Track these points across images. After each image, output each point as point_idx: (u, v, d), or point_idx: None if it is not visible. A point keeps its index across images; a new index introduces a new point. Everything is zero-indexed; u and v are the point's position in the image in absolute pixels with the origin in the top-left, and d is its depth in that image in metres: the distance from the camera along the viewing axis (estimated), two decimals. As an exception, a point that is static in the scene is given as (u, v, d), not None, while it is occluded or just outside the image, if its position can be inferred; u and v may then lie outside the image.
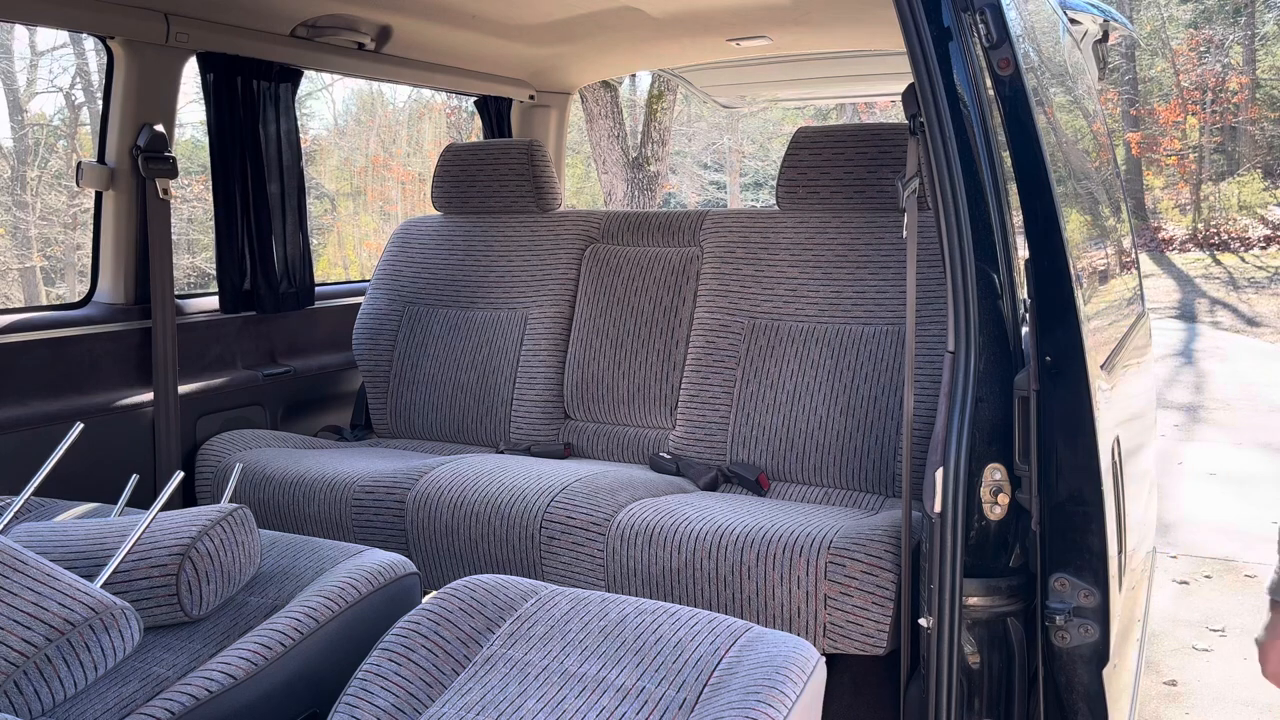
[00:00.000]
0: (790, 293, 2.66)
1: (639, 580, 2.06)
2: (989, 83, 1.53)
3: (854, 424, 2.48)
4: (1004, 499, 1.53)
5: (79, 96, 14.53)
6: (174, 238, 2.77)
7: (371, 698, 1.44)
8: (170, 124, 2.69)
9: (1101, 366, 1.67)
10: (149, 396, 2.64)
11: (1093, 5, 3.06)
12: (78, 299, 2.77)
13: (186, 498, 2.64)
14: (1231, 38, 17.80)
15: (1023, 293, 1.55)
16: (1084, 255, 1.84)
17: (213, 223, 2.92)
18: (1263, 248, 15.49)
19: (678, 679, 1.46)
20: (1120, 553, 1.62)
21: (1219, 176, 18.08)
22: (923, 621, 1.63)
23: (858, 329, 2.55)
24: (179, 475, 1.78)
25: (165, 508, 1.77)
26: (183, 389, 2.71)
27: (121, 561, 1.62)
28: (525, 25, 3.32)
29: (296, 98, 3.09)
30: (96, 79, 13.79)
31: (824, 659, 1.53)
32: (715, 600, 1.99)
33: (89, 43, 12.71)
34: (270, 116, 2.95)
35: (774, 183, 2.78)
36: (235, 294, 2.93)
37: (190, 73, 2.78)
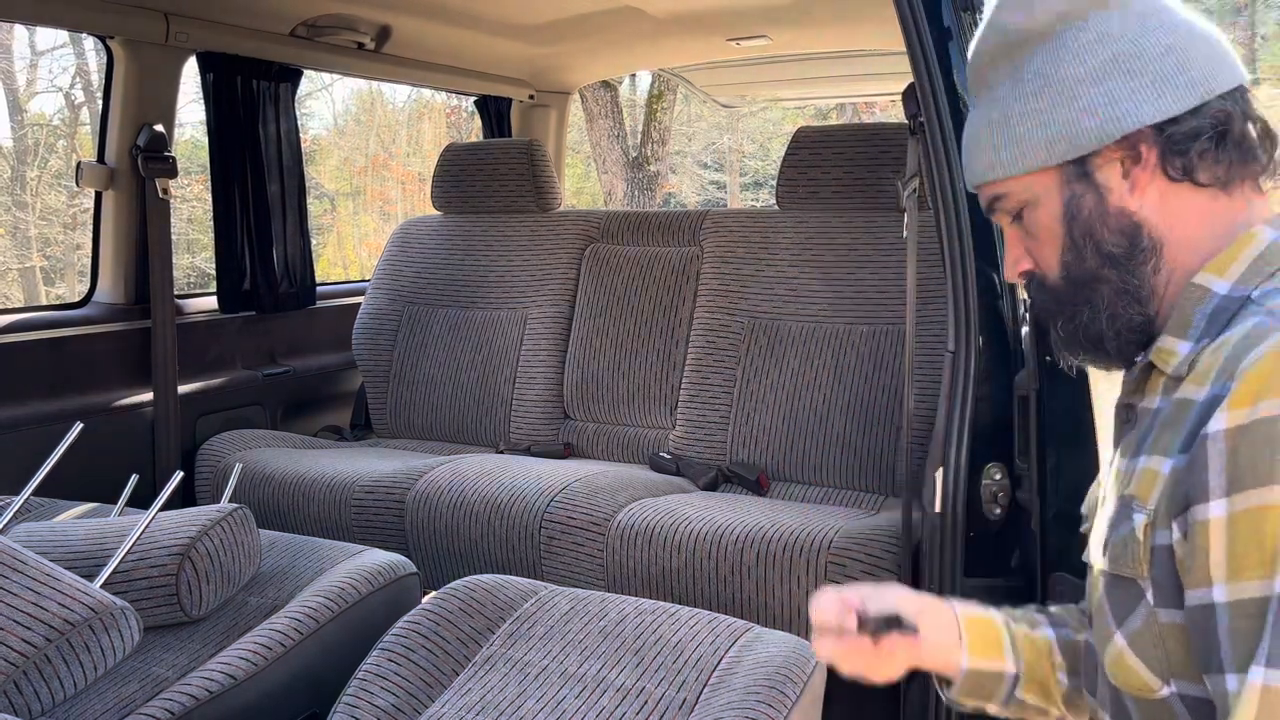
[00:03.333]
0: (790, 293, 2.65)
1: (639, 580, 2.06)
2: (989, 82, 1.53)
3: (854, 424, 2.48)
4: (1004, 499, 1.53)
5: (79, 96, 14.52)
6: (173, 237, 2.77)
7: (371, 698, 1.44)
8: (170, 124, 2.69)
9: (1102, 366, 1.67)
10: (149, 396, 2.64)
11: (1093, 5, 3.05)
12: (77, 299, 2.77)
13: (186, 498, 2.64)
14: (1231, 38, 17.76)
15: (1022, 293, 1.55)
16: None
17: (211, 222, 2.92)
18: (1263, 248, 15.45)
19: (678, 679, 1.46)
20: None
21: (1219, 176, 18.03)
22: (923, 621, 1.63)
23: (858, 329, 2.55)
24: (179, 475, 1.77)
25: (165, 508, 1.77)
26: (182, 389, 2.71)
27: (121, 561, 1.62)
28: (525, 25, 3.31)
29: (296, 97, 3.09)
30: (96, 79, 13.78)
31: (824, 659, 1.53)
32: (715, 600, 1.99)
33: (89, 43, 12.70)
34: (270, 116, 2.95)
35: (774, 183, 2.77)
36: (235, 294, 2.92)
37: (190, 72, 2.78)
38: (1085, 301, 0.97)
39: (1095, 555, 0.98)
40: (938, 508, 1.55)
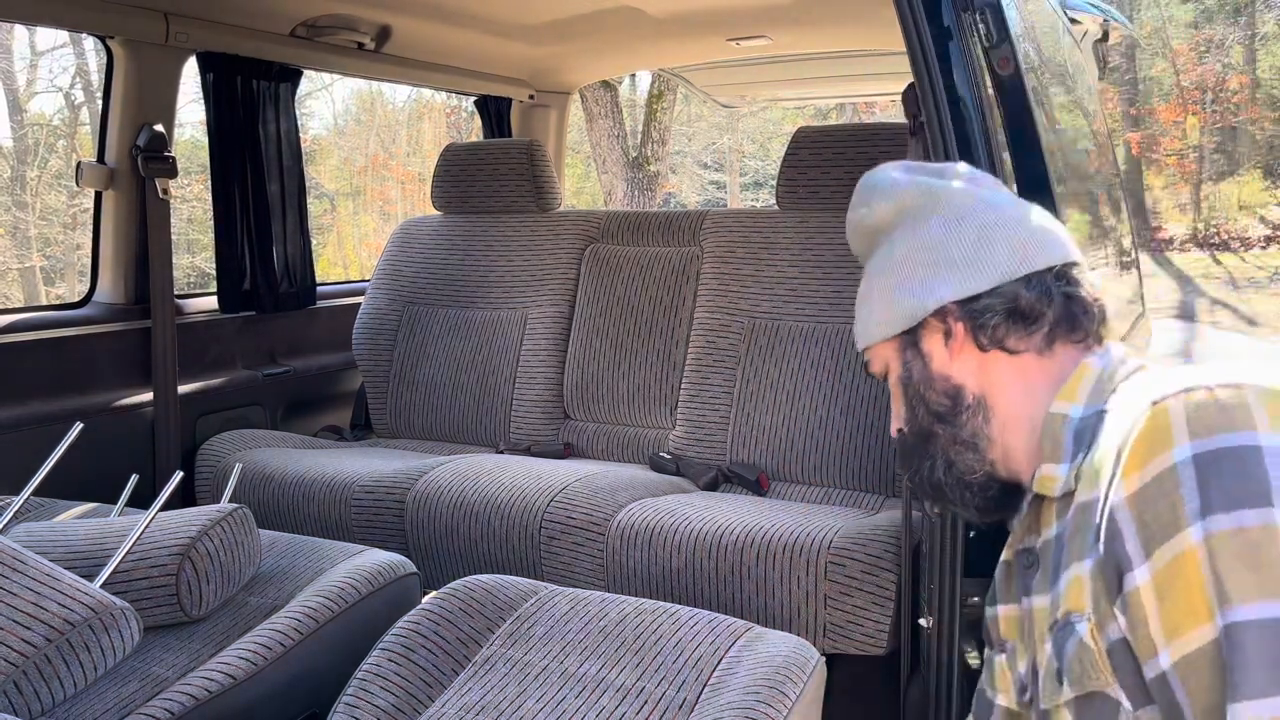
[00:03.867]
0: (790, 293, 2.65)
1: (639, 580, 2.06)
2: (989, 83, 1.53)
3: (854, 424, 2.48)
4: (1004, 499, 1.53)
5: (79, 96, 14.53)
6: (174, 237, 2.77)
7: (371, 698, 1.44)
8: (170, 124, 2.69)
9: (1101, 366, 1.67)
10: (149, 396, 2.64)
11: (1093, 5, 3.06)
12: (77, 299, 2.77)
13: (186, 498, 2.64)
14: (1231, 37, 17.79)
15: None
16: (1084, 255, 1.83)
17: (211, 222, 2.92)
18: (1263, 248, 15.48)
19: (678, 679, 1.46)
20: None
21: (1219, 176, 18.08)
22: (923, 621, 1.63)
23: (858, 329, 2.55)
24: (179, 475, 1.77)
25: (165, 508, 1.77)
26: (182, 389, 2.71)
27: (121, 561, 1.62)
28: (525, 25, 3.31)
29: (296, 97, 3.10)
30: (96, 79, 13.78)
31: (824, 659, 1.53)
32: (715, 600, 1.99)
33: (89, 43, 12.71)
34: (270, 116, 2.95)
35: (774, 183, 2.77)
36: (235, 294, 2.92)
37: (190, 72, 2.78)
38: (924, 454, 1.12)
39: (1051, 698, 0.97)
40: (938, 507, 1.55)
